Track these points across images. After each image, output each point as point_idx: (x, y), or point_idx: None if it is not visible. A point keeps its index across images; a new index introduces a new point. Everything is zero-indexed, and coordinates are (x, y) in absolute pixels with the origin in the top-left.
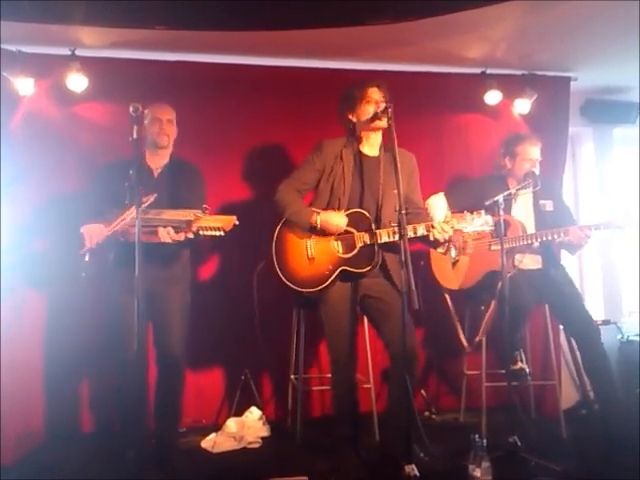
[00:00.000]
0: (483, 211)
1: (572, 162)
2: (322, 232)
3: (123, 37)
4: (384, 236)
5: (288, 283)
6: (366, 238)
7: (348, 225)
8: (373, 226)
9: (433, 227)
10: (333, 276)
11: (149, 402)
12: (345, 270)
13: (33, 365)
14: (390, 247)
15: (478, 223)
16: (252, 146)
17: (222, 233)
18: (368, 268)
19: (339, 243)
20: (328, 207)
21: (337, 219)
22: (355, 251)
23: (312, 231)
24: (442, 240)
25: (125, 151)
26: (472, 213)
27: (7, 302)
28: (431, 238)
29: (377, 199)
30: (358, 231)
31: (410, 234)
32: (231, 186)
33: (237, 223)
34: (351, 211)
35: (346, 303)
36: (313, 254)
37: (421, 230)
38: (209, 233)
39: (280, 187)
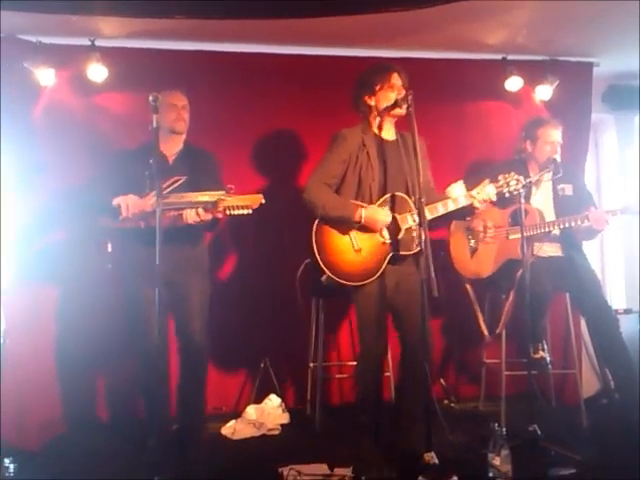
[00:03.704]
0: (513, 172)
1: (594, 150)
2: (364, 228)
3: (142, 27)
4: (427, 214)
5: (337, 279)
6: (409, 220)
7: (388, 210)
8: (412, 207)
9: (477, 193)
10: (385, 263)
11: (170, 391)
12: (394, 255)
13: (53, 355)
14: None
15: (513, 184)
16: (270, 134)
17: (250, 211)
18: (418, 248)
19: (384, 229)
20: (358, 196)
21: (383, 215)
22: (401, 234)
23: (354, 226)
24: (483, 206)
25: (145, 140)
26: (505, 177)
27: (29, 291)
28: (476, 205)
29: (406, 182)
30: (400, 214)
31: (451, 207)
32: (247, 174)
33: (264, 202)
34: (388, 195)
35: (381, 291)
36: (359, 245)
37: (462, 201)
38: (237, 212)
39: (309, 184)
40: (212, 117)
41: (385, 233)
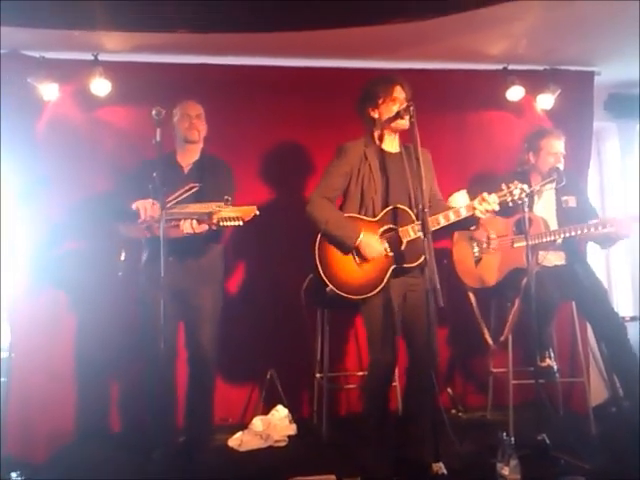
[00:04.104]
0: (516, 181)
1: (597, 158)
2: (357, 253)
3: (145, 41)
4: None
5: (340, 293)
6: (411, 232)
7: (389, 223)
8: (414, 219)
9: (479, 204)
10: (387, 276)
11: (177, 401)
12: (396, 268)
13: (64, 365)
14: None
15: (517, 193)
16: (274, 147)
17: (241, 223)
18: (420, 260)
19: (385, 242)
20: (361, 209)
21: (377, 246)
22: (403, 247)
23: (350, 248)
24: (486, 216)
25: (149, 154)
26: (508, 187)
27: (35, 305)
28: (478, 215)
29: (409, 194)
30: (402, 226)
31: (453, 218)
32: (251, 186)
33: (257, 213)
34: (389, 208)
35: (389, 302)
36: (362, 259)
37: (464, 212)
38: (229, 224)
39: (312, 199)
40: (216, 130)
41: (386, 245)
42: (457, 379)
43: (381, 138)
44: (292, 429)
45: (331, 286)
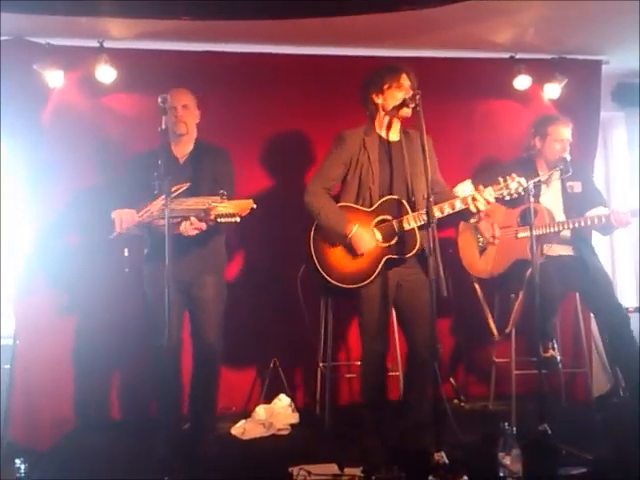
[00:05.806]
0: (514, 174)
1: (603, 148)
2: (349, 245)
3: (150, 28)
4: (420, 220)
5: (333, 281)
6: (405, 224)
7: (385, 214)
8: (409, 210)
9: (475, 199)
10: (379, 267)
11: (182, 390)
12: (389, 259)
13: (68, 353)
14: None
15: (514, 187)
16: (278, 135)
17: (237, 219)
18: (413, 252)
19: (379, 233)
20: (358, 199)
21: (368, 239)
22: (396, 238)
23: (342, 239)
24: (482, 209)
25: (154, 142)
26: (505, 180)
27: (39, 293)
28: (472, 209)
29: (407, 183)
30: (395, 218)
31: (448, 210)
32: (255, 174)
33: (254, 207)
34: (385, 199)
35: (383, 292)
36: (353, 253)
37: (459, 204)
38: (225, 220)
39: (309, 187)
40: (220, 117)
41: (378, 236)
42: (459, 369)
43: (382, 125)
44: (295, 418)
45: (324, 275)
